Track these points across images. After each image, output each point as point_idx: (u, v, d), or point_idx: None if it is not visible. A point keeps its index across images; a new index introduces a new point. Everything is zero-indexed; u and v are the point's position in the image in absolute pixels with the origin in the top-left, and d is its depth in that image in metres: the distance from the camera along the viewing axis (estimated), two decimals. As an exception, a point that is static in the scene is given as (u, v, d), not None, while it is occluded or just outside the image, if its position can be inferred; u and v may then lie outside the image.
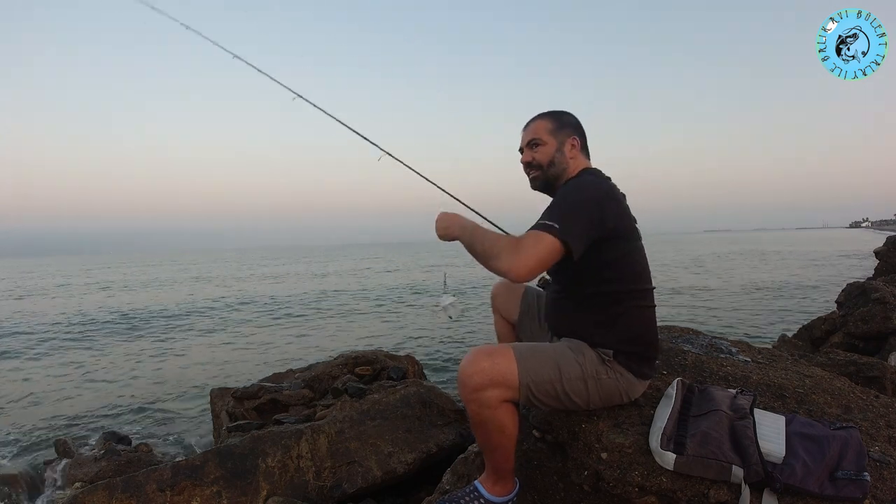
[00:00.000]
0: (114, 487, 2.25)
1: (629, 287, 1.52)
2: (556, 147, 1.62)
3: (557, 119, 1.66)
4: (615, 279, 1.50)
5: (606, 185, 1.55)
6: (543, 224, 1.39)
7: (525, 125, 1.71)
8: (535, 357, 1.47)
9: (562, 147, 1.62)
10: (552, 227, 1.37)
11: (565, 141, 1.63)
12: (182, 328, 12.21)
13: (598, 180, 1.55)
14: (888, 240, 7.93)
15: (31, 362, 9.00)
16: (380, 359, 3.73)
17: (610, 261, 1.48)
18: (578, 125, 1.67)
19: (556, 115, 1.67)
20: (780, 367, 2.00)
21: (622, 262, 1.51)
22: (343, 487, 2.44)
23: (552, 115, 1.67)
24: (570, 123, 1.66)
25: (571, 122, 1.67)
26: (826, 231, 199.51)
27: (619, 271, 1.51)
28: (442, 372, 7.14)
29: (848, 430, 1.38)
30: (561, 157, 1.62)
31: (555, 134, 1.63)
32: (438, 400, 2.91)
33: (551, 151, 1.63)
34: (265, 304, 16.34)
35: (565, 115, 1.68)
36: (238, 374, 7.58)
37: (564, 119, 1.66)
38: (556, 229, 1.37)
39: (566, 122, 1.66)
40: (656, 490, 1.33)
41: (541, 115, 1.68)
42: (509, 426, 1.48)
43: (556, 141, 1.63)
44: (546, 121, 1.66)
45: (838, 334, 4.08)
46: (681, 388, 1.57)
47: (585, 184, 1.52)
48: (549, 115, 1.67)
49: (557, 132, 1.63)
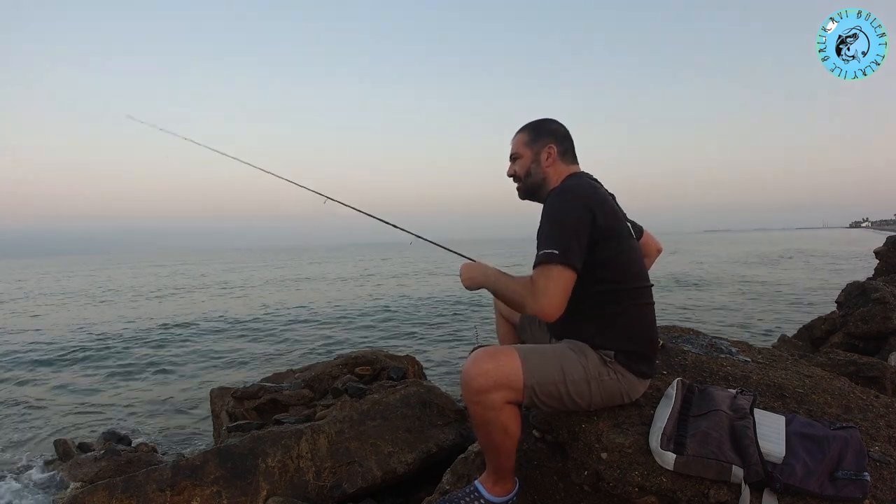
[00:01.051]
0: (114, 487, 2.25)
1: (626, 286, 1.53)
2: (532, 158, 1.68)
3: (535, 130, 1.70)
4: (610, 278, 1.51)
5: (589, 186, 1.56)
6: (546, 255, 1.41)
7: (512, 137, 1.76)
8: (538, 359, 1.47)
9: (538, 157, 1.67)
10: (554, 256, 1.40)
11: (541, 151, 1.66)
12: (182, 328, 12.21)
13: (579, 183, 1.57)
14: (888, 240, 7.92)
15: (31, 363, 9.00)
16: (380, 359, 3.73)
17: (604, 260, 1.49)
18: (558, 132, 1.69)
19: (534, 126, 1.71)
20: (780, 367, 2.00)
21: (616, 260, 1.51)
22: (343, 487, 2.44)
23: (530, 127, 1.71)
24: (549, 132, 1.69)
25: (550, 130, 1.69)
26: (826, 231, 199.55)
27: (614, 270, 1.52)
28: (442, 372, 7.14)
29: (848, 430, 1.38)
30: (537, 168, 1.67)
31: (530, 145, 1.69)
32: (438, 400, 2.91)
33: (527, 163, 1.69)
34: (267, 305, 16.34)
35: (545, 124, 1.71)
36: (238, 375, 7.59)
37: (543, 129, 1.70)
38: (557, 256, 1.39)
39: (544, 132, 1.69)
40: (656, 490, 1.33)
41: (521, 129, 1.74)
42: (512, 427, 1.48)
43: (532, 152, 1.68)
44: (523, 134, 1.71)
45: (838, 334, 4.07)
46: (681, 388, 1.57)
47: (568, 191, 1.53)
48: (527, 127, 1.72)
49: (533, 143, 1.68)
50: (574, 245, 1.41)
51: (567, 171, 1.67)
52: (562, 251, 1.40)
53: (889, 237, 7.88)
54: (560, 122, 1.73)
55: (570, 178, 1.64)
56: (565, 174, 1.66)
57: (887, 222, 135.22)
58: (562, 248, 1.40)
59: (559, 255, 1.39)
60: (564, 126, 1.73)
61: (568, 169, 1.68)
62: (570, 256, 1.40)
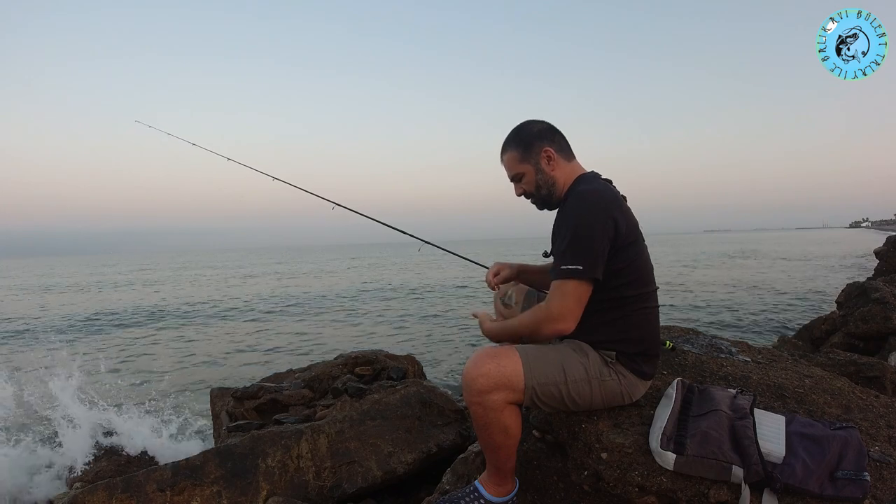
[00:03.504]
0: (114, 487, 2.25)
1: (635, 291, 1.52)
2: (535, 170, 1.60)
3: (522, 142, 1.61)
4: (622, 285, 1.50)
5: (611, 193, 1.51)
6: (568, 271, 1.40)
7: (500, 158, 1.68)
8: (539, 359, 1.47)
9: (539, 166, 1.59)
10: (577, 272, 1.39)
11: (540, 159, 1.59)
12: (182, 328, 12.20)
13: (600, 189, 1.50)
14: (888, 240, 7.93)
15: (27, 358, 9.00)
16: (380, 359, 3.72)
17: (620, 268, 1.47)
18: (544, 130, 1.61)
19: (518, 139, 1.62)
20: (780, 367, 2.00)
21: (631, 268, 1.49)
22: (343, 487, 2.44)
23: (515, 142, 1.62)
24: (536, 136, 1.60)
25: (536, 133, 1.61)
26: (826, 231, 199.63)
27: (627, 277, 1.50)
28: (442, 372, 7.14)
29: (848, 430, 1.38)
30: (543, 177, 1.60)
31: (527, 159, 1.60)
32: (438, 400, 2.90)
33: (532, 177, 1.61)
34: (265, 305, 16.34)
35: (527, 130, 1.62)
36: (238, 375, 7.58)
37: (529, 136, 1.61)
38: (582, 273, 1.39)
39: (531, 139, 1.60)
40: (656, 490, 1.33)
41: (506, 148, 1.65)
42: (513, 428, 1.48)
43: (531, 165, 1.60)
44: (512, 152, 1.63)
45: (838, 334, 4.07)
46: (681, 388, 1.57)
47: (590, 200, 1.46)
48: (511, 143, 1.63)
49: (527, 156, 1.60)
50: (599, 259, 1.41)
51: (572, 168, 1.62)
52: (587, 267, 1.39)
53: (889, 237, 7.88)
54: (538, 120, 1.64)
55: (585, 180, 1.58)
56: (573, 172, 1.61)
57: (887, 222, 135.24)
58: (587, 264, 1.39)
59: (584, 270, 1.39)
60: (544, 121, 1.64)
61: (572, 166, 1.62)
62: (595, 272, 1.40)
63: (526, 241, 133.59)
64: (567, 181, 1.60)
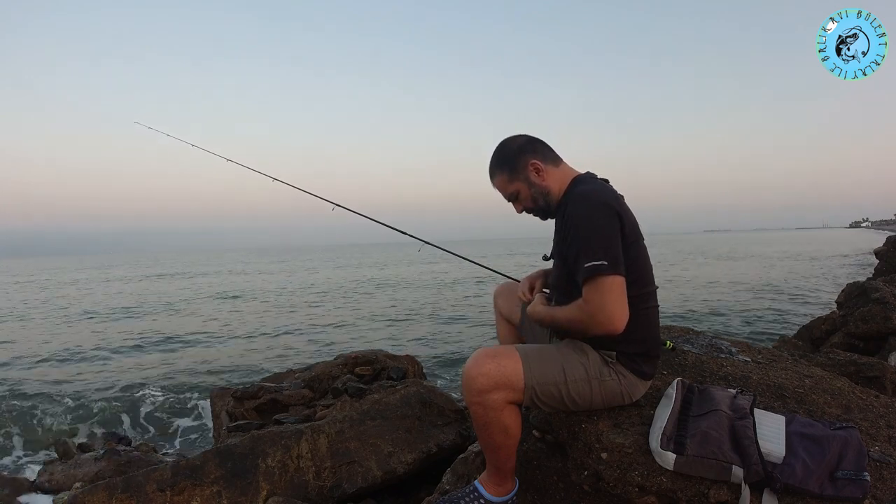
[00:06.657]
0: (114, 487, 2.25)
1: (636, 291, 1.49)
2: (527, 185, 1.59)
3: (507, 163, 1.60)
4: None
5: (611, 192, 1.52)
6: (594, 267, 1.36)
7: (491, 182, 1.66)
8: (539, 359, 1.47)
9: (529, 180, 1.58)
10: (603, 267, 1.35)
11: (528, 174, 1.58)
12: (181, 327, 12.20)
13: (599, 188, 1.51)
14: (888, 240, 7.94)
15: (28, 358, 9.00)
16: (380, 359, 3.72)
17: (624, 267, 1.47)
18: (525, 144, 1.60)
19: (502, 160, 1.61)
20: (780, 367, 2.00)
21: (633, 267, 1.47)
22: (343, 487, 2.44)
23: (500, 164, 1.62)
24: (518, 152, 1.59)
25: (517, 149, 1.60)
26: (826, 231, 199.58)
27: (629, 277, 1.47)
28: (442, 372, 7.14)
29: (848, 430, 1.38)
30: (537, 189, 1.59)
31: (516, 177, 1.59)
32: (438, 400, 2.90)
33: (527, 192, 1.60)
34: (266, 304, 16.34)
35: (507, 148, 1.61)
36: (238, 375, 7.59)
37: (511, 154, 1.60)
38: (607, 267, 1.35)
39: (515, 156, 1.59)
40: (656, 490, 1.33)
41: (493, 171, 1.64)
42: (513, 427, 1.48)
43: (521, 181, 1.59)
44: (501, 174, 1.62)
45: (838, 334, 4.07)
46: (681, 388, 1.57)
47: (594, 199, 1.46)
48: (497, 165, 1.62)
49: (516, 174, 1.59)
50: (618, 252, 1.38)
51: (563, 172, 1.61)
52: (610, 261, 1.36)
53: (889, 237, 7.89)
54: (516, 135, 1.64)
55: (583, 181, 1.57)
56: (565, 176, 1.60)
57: (887, 222, 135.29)
58: (609, 258, 1.36)
59: (608, 265, 1.35)
60: (522, 134, 1.64)
61: (561, 170, 1.61)
62: (619, 265, 1.37)
63: (526, 241, 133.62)
64: (561, 186, 1.59)
